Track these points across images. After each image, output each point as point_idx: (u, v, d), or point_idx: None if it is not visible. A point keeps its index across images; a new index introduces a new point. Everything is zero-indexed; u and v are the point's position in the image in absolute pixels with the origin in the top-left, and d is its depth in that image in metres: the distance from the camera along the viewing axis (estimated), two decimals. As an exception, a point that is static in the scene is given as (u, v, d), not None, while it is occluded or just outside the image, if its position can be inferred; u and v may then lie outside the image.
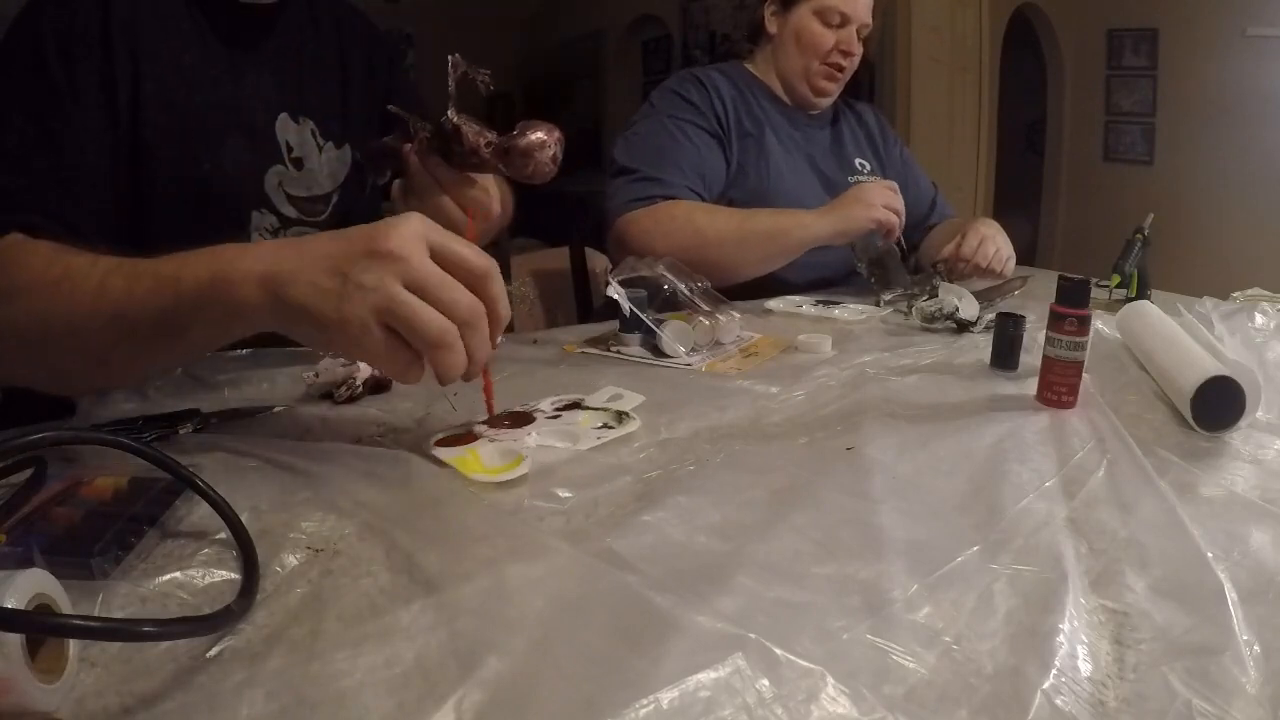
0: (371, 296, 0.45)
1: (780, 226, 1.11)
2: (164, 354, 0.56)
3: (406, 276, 0.45)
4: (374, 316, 0.45)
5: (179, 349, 0.55)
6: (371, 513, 0.46)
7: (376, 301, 0.45)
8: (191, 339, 0.53)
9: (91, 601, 0.37)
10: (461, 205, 0.64)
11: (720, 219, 1.11)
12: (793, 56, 1.26)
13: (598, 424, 0.61)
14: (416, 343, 0.46)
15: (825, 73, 1.25)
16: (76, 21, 0.67)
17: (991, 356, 0.79)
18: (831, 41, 1.22)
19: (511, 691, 0.31)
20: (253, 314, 0.49)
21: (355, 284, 0.45)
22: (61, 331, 0.55)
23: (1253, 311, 0.93)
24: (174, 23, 0.73)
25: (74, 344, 0.55)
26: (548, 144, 0.60)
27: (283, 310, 0.47)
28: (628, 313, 0.82)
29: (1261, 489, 0.53)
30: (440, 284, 0.46)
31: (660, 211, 1.10)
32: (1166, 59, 3.54)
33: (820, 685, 0.32)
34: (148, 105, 0.70)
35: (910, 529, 0.46)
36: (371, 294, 0.45)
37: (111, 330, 0.53)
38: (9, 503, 0.42)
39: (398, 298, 0.45)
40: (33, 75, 0.66)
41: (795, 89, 1.28)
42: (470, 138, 0.60)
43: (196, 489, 0.44)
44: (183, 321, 0.51)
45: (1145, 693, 0.33)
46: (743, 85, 1.27)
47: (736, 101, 1.24)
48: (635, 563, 0.41)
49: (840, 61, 1.24)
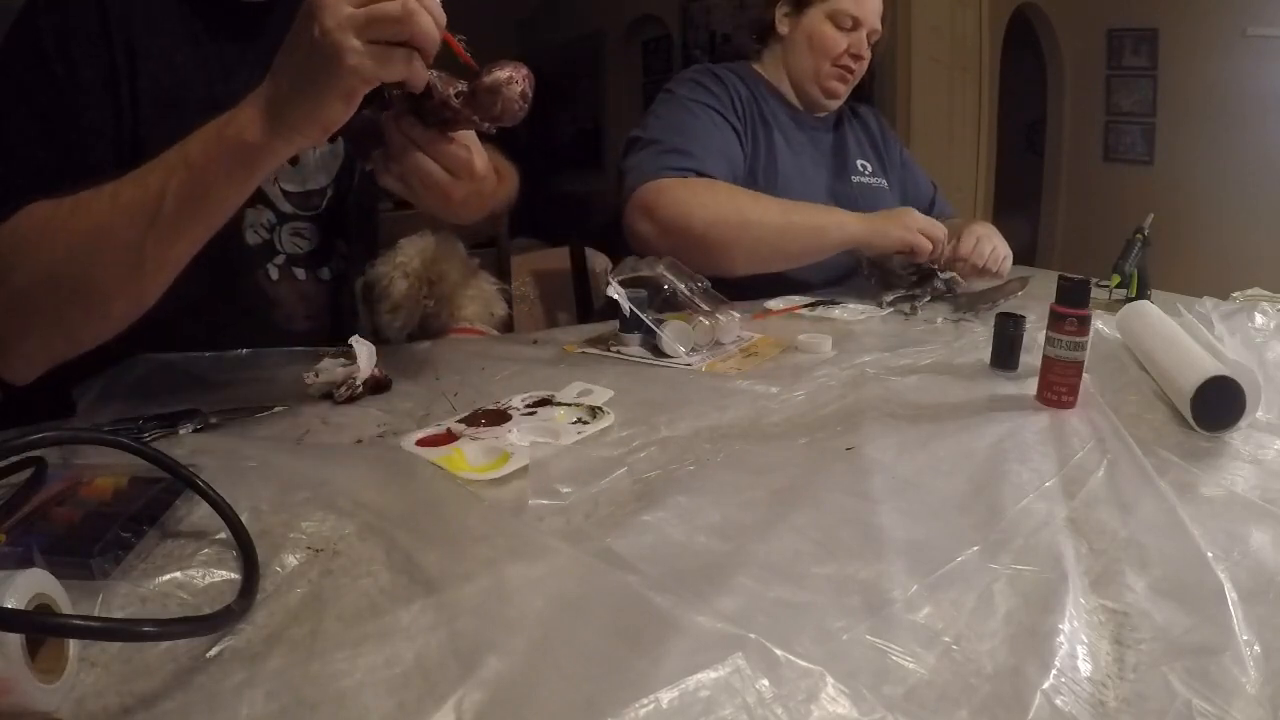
0: (343, 31, 0.51)
1: (820, 223, 1.10)
2: (192, 230, 0.59)
3: (343, 3, 0.51)
4: (351, 41, 0.51)
5: (205, 218, 0.59)
6: (371, 513, 0.46)
7: (348, 28, 0.51)
8: (213, 202, 0.58)
9: (91, 601, 0.37)
10: (443, 164, 0.64)
11: (764, 202, 1.10)
12: (804, 58, 1.26)
13: (573, 419, 0.61)
14: (391, 29, 0.51)
15: (836, 74, 1.25)
16: (74, 19, 0.67)
17: (991, 356, 0.79)
18: (844, 45, 1.23)
19: (511, 691, 0.31)
20: (265, 146, 0.55)
21: (319, 43, 0.51)
22: (87, 248, 0.58)
23: (1253, 311, 0.92)
24: (166, 20, 0.73)
25: (102, 256, 0.58)
26: (514, 79, 0.59)
27: (290, 118, 0.54)
28: (628, 313, 0.82)
29: (1261, 489, 0.53)
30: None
31: (697, 183, 1.08)
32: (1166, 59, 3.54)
33: (820, 685, 0.32)
34: (143, 102, 0.70)
35: (910, 529, 0.46)
36: (340, 30, 0.51)
37: (137, 226, 0.56)
38: (9, 503, 0.42)
39: (357, 11, 0.51)
40: (34, 72, 0.66)
41: (806, 91, 1.28)
42: (439, 89, 0.59)
43: (196, 489, 0.44)
44: (203, 189, 0.56)
45: (1145, 693, 0.33)
46: (752, 85, 1.27)
47: (749, 100, 1.24)
48: (635, 563, 0.41)
49: (850, 64, 1.24)
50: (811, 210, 1.12)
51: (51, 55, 0.66)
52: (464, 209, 0.73)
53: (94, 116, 0.68)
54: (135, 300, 0.61)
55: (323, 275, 0.86)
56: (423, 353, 0.83)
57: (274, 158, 0.57)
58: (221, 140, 0.55)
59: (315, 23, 0.51)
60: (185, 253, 0.60)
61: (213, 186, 0.56)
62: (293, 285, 0.84)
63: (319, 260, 0.86)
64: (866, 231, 1.09)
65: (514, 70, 0.59)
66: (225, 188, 0.57)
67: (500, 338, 0.96)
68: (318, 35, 0.51)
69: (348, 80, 0.52)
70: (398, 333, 0.87)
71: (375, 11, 0.51)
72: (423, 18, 0.52)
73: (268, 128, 0.54)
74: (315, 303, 0.86)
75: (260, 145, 0.55)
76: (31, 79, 0.66)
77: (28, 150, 0.65)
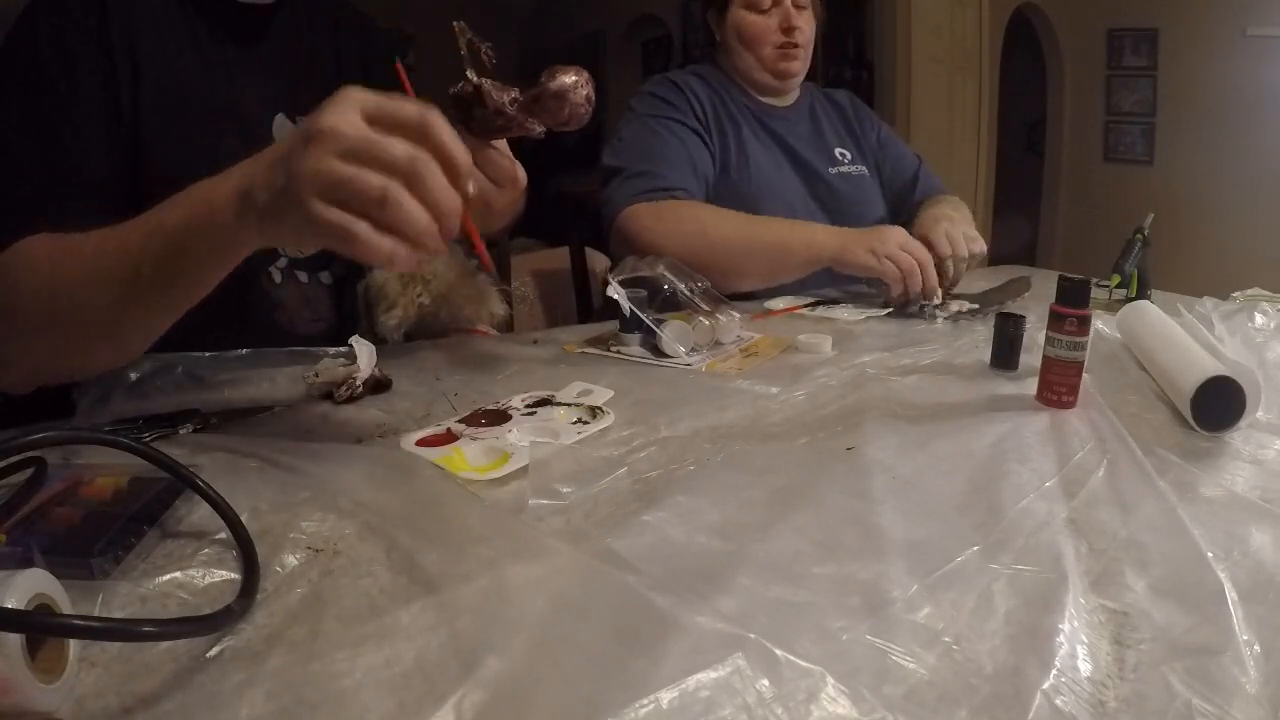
0: (314, 180, 0.44)
1: (787, 242, 1.06)
2: (169, 301, 0.56)
3: (340, 149, 0.44)
4: (322, 198, 0.44)
5: (181, 291, 0.55)
6: (371, 513, 0.46)
7: (319, 183, 0.44)
8: (190, 277, 0.54)
9: (91, 601, 0.37)
10: (488, 174, 0.62)
11: (729, 222, 1.08)
12: (740, 53, 1.26)
13: (573, 419, 0.61)
14: (366, 208, 0.44)
15: (778, 55, 1.24)
16: (74, 26, 0.67)
17: (991, 356, 0.79)
18: (772, 24, 1.22)
19: (511, 691, 0.31)
20: (237, 235, 0.50)
21: (294, 173, 0.45)
22: (69, 310, 0.56)
23: (1253, 311, 0.92)
24: (170, 25, 0.72)
25: (82, 316, 0.56)
26: (579, 84, 0.59)
27: (255, 221, 0.48)
28: (628, 313, 0.82)
29: (1261, 489, 0.53)
30: (370, 143, 0.45)
31: (665, 208, 1.08)
32: (1166, 59, 3.54)
33: (820, 685, 0.32)
34: (145, 108, 0.70)
35: (910, 529, 0.46)
36: (313, 178, 0.44)
37: (114, 291, 0.54)
38: (9, 503, 0.42)
39: (333, 170, 0.44)
40: (32, 83, 0.66)
41: (759, 82, 1.28)
42: (494, 96, 0.58)
43: (196, 489, 0.44)
44: (178, 262, 0.52)
45: (1145, 693, 0.33)
46: (716, 85, 1.27)
47: (713, 100, 1.24)
48: (635, 563, 0.41)
49: (788, 39, 1.23)
50: (780, 227, 1.08)
51: (50, 65, 0.66)
52: (498, 219, 0.70)
53: (93, 125, 0.67)
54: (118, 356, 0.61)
55: (324, 279, 0.86)
56: (423, 353, 0.83)
57: (248, 247, 0.52)
58: (198, 214, 0.51)
59: (297, 155, 0.45)
60: (164, 322, 0.57)
61: (188, 259, 0.52)
62: (296, 288, 0.84)
63: (320, 263, 0.86)
64: (836, 249, 1.04)
65: (577, 74, 0.59)
66: (202, 263, 0.53)
67: (500, 338, 0.96)
68: (292, 170, 0.45)
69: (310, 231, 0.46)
70: (393, 332, 0.87)
71: (351, 183, 0.44)
72: (409, 211, 0.45)
73: (240, 217, 0.49)
74: (318, 306, 0.86)
75: (233, 230, 0.50)
76: (28, 90, 0.66)
77: (25, 161, 0.65)
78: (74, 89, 0.67)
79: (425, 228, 0.45)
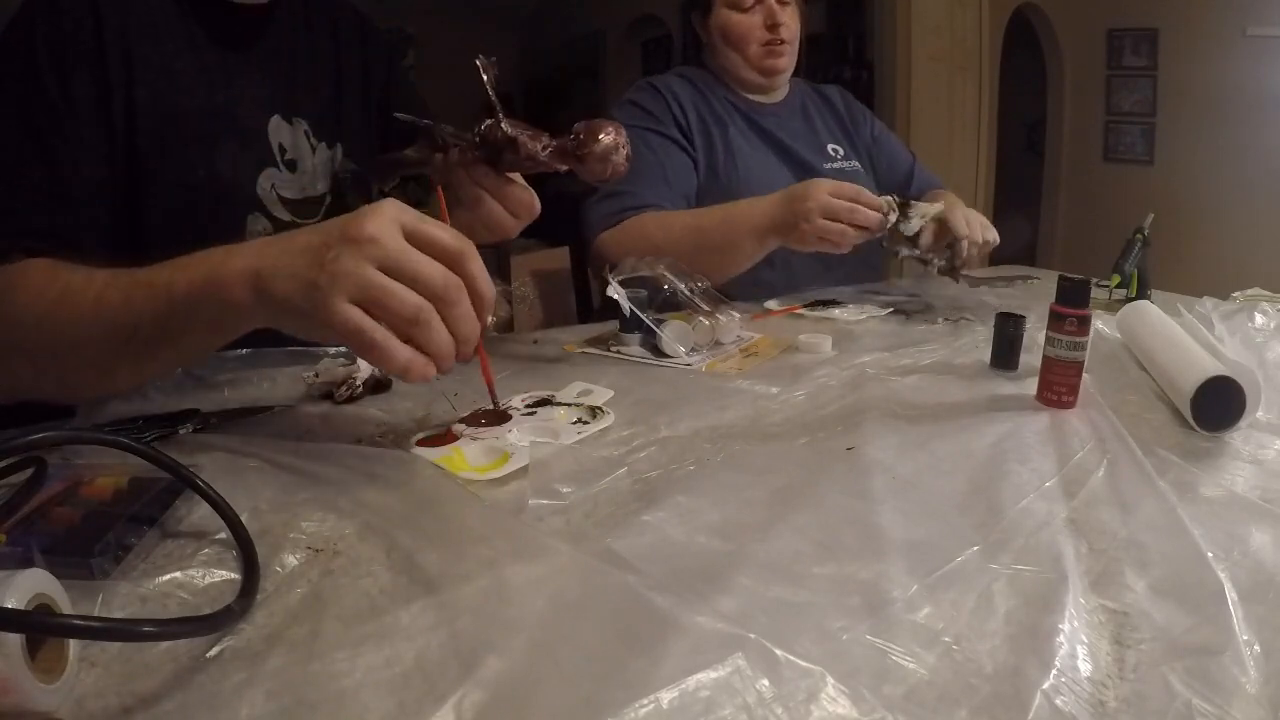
0: (346, 282, 0.45)
1: (730, 234, 1.05)
2: (165, 358, 0.57)
3: (379, 258, 0.46)
4: (352, 302, 0.45)
5: (179, 352, 0.57)
6: (371, 513, 0.46)
7: (352, 286, 0.45)
8: (190, 341, 0.54)
9: (91, 601, 0.37)
10: (508, 207, 0.64)
11: (675, 227, 1.08)
12: (726, 53, 1.26)
13: (573, 419, 0.61)
14: (395, 323, 0.46)
15: (764, 52, 1.23)
16: (69, 31, 0.66)
17: (991, 356, 0.79)
18: (756, 21, 1.22)
19: (511, 691, 0.31)
20: (244, 312, 0.50)
21: (330, 272, 0.45)
22: (65, 348, 0.57)
23: (1253, 311, 0.92)
24: (165, 27, 0.72)
25: (78, 359, 0.57)
26: (620, 144, 0.61)
27: (270, 305, 0.48)
28: (628, 313, 0.82)
29: (1261, 489, 0.53)
30: (413, 261, 0.46)
31: (627, 230, 1.10)
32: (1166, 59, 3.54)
33: (820, 685, 0.32)
34: (141, 112, 0.70)
35: (910, 529, 0.46)
36: (346, 279, 0.45)
37: (112, 341, 0.54)
38: (9, 503, 0.42)
39: (372, 279, 0.45)
40: (27, 88, 0.65)
41: (745, 80, 1.27)
42: (528, 145, 0.61)
43: (196, 489, 0.44)
44: (180, 326, 0.52)
45: (1145, 693, 0.33)
46: (702, 86, 1.27)
47: (697, 102, 1.24)
48: (635, 563, 0.41)
49: (773, 36, 1.22)
50: (720, 215, 1.08)
51: (44, 71, 0.65)
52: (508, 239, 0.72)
53: (87, 134, 0.67)
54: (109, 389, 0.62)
55: None
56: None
57: (251, 325, 0.51)
58: (205, 286, 0.50)
59: (332, 253, 0.45)
60: (159, 373, 0.58)
61: (189, 326, 0.52)
62: None
63: None
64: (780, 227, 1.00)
65: (616, 132, 0.61)
66: (203, 333, 0.53)
67: (500, 338, 0.96)
68: (327, 268, 0.45)
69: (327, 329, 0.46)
70: None
71: (391, 297, 0.45)
72: (437, 333, 0.46)
73: (250, 298, 0.48)
74: None
75: (240, 308, 0.49)
76: (22, 96, 0.66)
77: (20, 169, 0.64)
78: (67, 95, 0.66)
79: (447, 351, 0.47)
